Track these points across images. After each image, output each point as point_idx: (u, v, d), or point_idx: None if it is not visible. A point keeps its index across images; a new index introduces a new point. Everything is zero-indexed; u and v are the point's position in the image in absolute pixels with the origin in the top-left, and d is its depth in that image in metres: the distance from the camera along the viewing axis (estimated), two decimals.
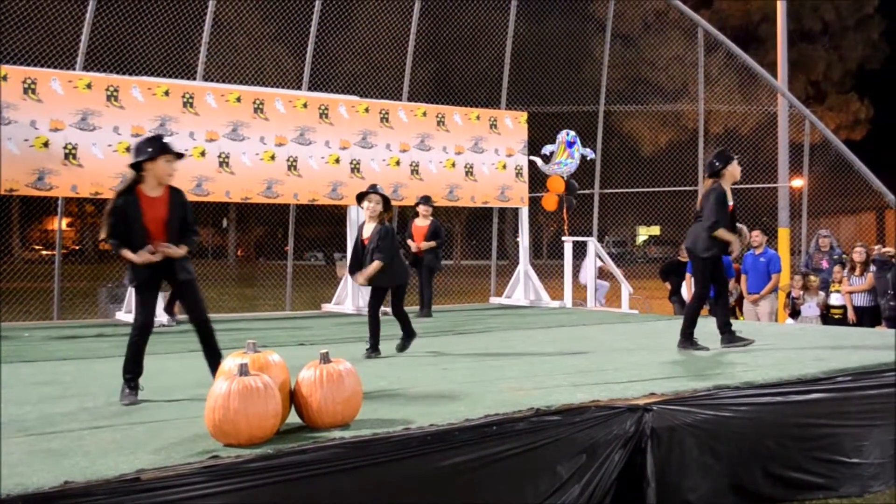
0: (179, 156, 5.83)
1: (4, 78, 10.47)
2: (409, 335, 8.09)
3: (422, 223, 12.60)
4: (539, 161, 14.77)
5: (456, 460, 4.49)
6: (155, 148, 5.68)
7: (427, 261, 12.42)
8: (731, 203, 8.03)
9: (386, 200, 7.88)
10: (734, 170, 8.02)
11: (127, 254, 5.65)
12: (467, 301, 13.40)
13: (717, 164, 8.01)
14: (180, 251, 5.77)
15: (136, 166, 5.67)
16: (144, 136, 5.81)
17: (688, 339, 8.02)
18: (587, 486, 4.93)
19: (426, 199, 12.71)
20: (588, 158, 14.91)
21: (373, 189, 7.93)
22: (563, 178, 14.58)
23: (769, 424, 5.78)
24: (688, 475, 5.34)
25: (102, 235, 5.76)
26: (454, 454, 4.50)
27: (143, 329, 5.83)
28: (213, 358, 5.94)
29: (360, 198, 7.97)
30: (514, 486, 4.69)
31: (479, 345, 8.66)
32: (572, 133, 14.72)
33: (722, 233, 7.84)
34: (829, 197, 17.33)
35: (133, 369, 5.75)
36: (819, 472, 5.94)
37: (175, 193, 5.86)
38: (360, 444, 4.28)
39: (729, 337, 8.05)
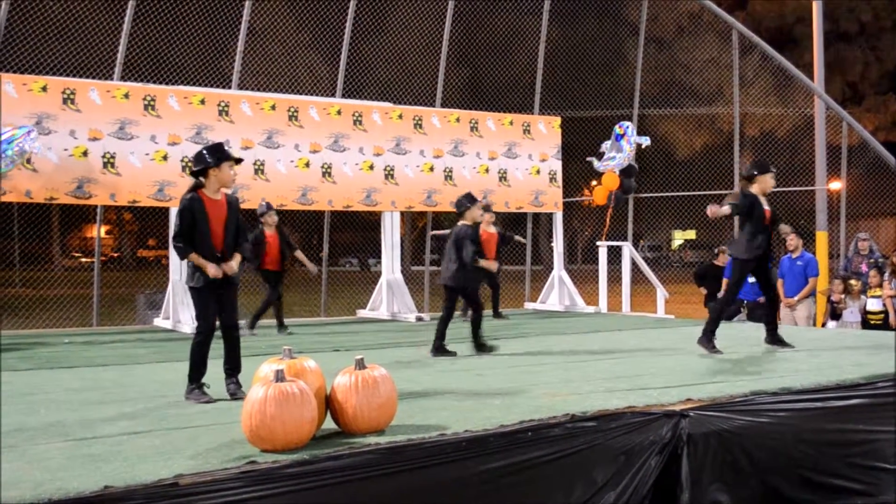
0: (239, 161, 6.18)
1: (44, 88, 10.65)
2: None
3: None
4: (595, 161, 14.45)
5: (491, 466, 4.49)
6: (219, 156, 6.00)
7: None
8: (766, 208, 8.09)
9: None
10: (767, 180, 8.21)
11: (199, 260, 5.85)
12: (502, 306, 13.35)
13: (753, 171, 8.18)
14: (235, 267, 5.98)
15: (202, 172, 5.94)
16: (205, 146, 6.15)
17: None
18: (623, 492, 4.90)
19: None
20: (644, 146, 14.57)
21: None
22: (615, 172, 14.25)
23: (807, 430, 5.72)
24: (724, 481, 5.29)
25: (172, 235, 6.05)
26: (489, 460, 4.50)
27: (206, 333, 5.96)
28: (233, 369, 6.03)
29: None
30: (549, 492, 4.68)
31: (514, 350, 8.64)
32: (625, 124, 14.35)
33: None
34: (867, 199, 17.07)
35: (199, 371, 5.91)
36: (858, 479, 5.86)
37: (232, 199, 6.16)
38: (396, 449, 4.30)
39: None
